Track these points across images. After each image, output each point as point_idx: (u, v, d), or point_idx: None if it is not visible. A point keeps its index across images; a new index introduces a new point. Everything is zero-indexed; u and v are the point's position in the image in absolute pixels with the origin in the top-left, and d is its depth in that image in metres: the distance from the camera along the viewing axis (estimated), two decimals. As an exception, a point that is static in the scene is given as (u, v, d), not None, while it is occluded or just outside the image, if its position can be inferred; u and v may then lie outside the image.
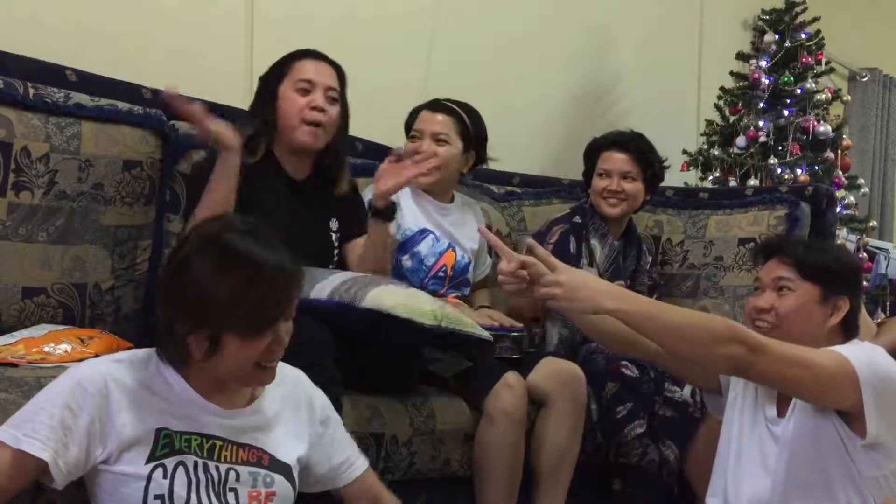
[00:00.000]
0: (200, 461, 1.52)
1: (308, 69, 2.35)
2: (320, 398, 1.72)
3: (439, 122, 2.76)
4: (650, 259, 3.23)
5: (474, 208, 2.99)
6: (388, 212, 2.35)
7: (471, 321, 2.27)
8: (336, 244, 2.44)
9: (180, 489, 1.48)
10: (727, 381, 2.11)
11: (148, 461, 1.48)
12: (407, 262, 2.69)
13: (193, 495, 1.49)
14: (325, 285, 2.14)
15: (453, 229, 2.81)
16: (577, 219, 3.01)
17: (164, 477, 1.48)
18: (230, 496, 1.52)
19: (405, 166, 2.35)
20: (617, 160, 3.04)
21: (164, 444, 1.50)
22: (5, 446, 1.44)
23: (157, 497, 1.47)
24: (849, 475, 1.86)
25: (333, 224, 2.44)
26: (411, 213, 2.73)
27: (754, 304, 2.04)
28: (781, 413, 1.97)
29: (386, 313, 2.07)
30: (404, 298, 2.13)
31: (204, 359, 1.50)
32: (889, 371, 1.87)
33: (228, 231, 1.51)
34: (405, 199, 2.71)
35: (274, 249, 1.50)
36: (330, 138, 2.39)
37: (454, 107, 2.80)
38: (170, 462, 1.49)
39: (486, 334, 2.32)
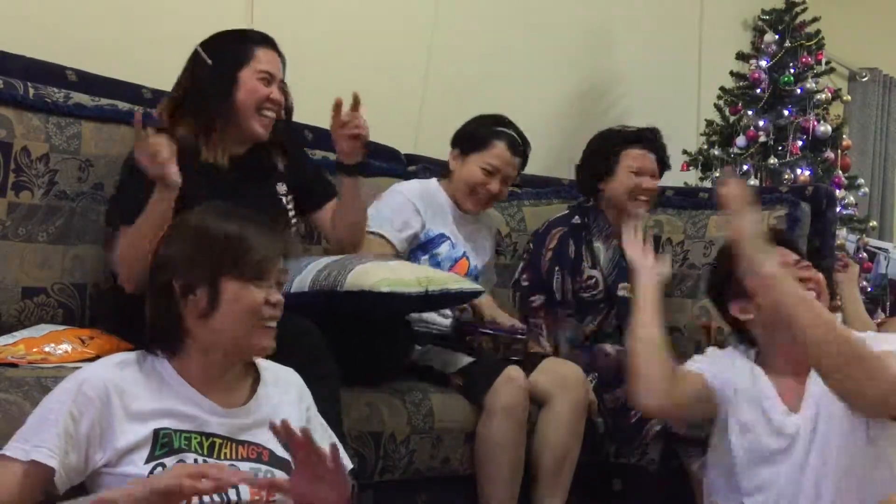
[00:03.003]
0: (200, 458, 1.52)
1: (266, 59, 2.28)
2: (306, 399, 1.72)
3: (516, 168, 2.79)
4: None
5: (490, 226, 3.01)
6: (358, 166, 2.31)
7: (451, 277, 2.28)
8: (289, 207, 2.37)
9: None
10: (726, 387, 2.07)
11: (147, 461, 1.49)
12: (425, 262, 2.71)
13: None
14: (304, 277, 2.14)
15: (466, 241, 2.82)
16: (577, 219, 2.98)
17: None
18: (231, 492, 1.52)
19: (348, 127, 2.28)
20: (648, 158, 2.98)
21: (164, 444, 1.51)
22: (15, 461, 1.44)
23: None
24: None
25: (281, 188, 2.37)
26: (434, 216, 2.74)
27: (813, 275, 2.03)
28: (794, 408, 1.97)
29: (368, 291, 2.06)
30: (386, 273, 2.12)
31: (203, 315, 1.53)
32: None
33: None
34: (431, 199, 2.74)
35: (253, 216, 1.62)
36: None
37: (527, 147, 2.81)
38: (169, 461, 1.49)
39: (477, 286, 2.32)
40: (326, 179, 2.47)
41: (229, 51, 2.27)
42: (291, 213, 2.38)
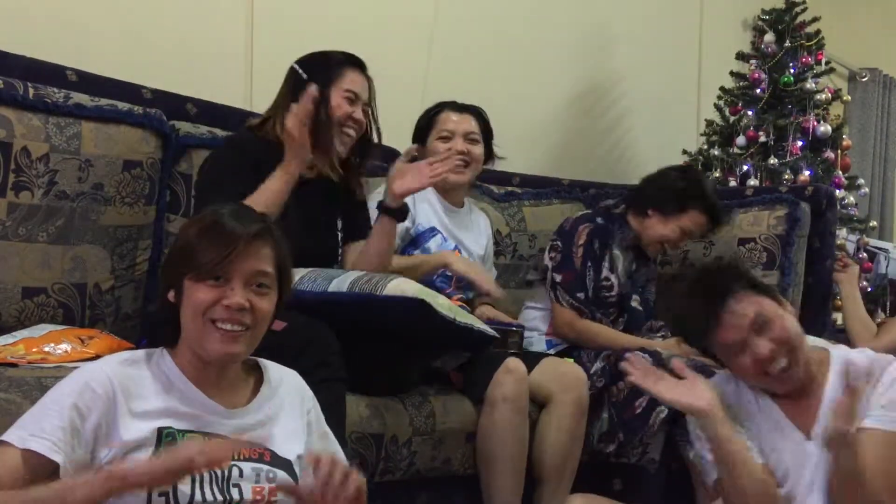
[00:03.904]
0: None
1: (355, 80, 2.39)
2: (308, 402, 1.72)
3: (468, 122, 2.83)
4: (655, 276, 3.20)
5: (482, 217, 3.02)
6: (400, 212, 2.37)
7: (478, 321, 2.30)
8: (340, 244, 2.45)
9: (184, 485, 1.48)
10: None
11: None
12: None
13: (198, 491, 1.49)
14: (343, 279, 2.15)
15: (459, 232, 2.82)
16: (601, 220, 2.97)
17: None
18: (234, 491, 1.52)
19: (426, 166, 2.35)
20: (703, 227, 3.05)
21: (168, 443, 1.51)
22: (13, 448, 1.43)
23: (161, 494, 1.47)
24: None
25: (339, 223, 2.45)
26: (423, 210, 2.76)
27: (757, 357, 1.91)
28: (808, 432, 1.95)
29: (409, 298, 2.08)
30: (424, 289, 2.15)
31: (178, 308, 1.56)
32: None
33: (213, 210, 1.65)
34: (419, 195, 2.73)
35: (236, 215, 1.59)
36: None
37: (474, 107, 2.87)
38: None
39: (495, 333, 2.34)
40: (367, 217, 2.50)
41: (322, 69, 2.36)
42: (339, 250, 2.44)
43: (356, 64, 2.42)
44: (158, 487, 1.46)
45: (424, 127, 2.87)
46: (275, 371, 1.70)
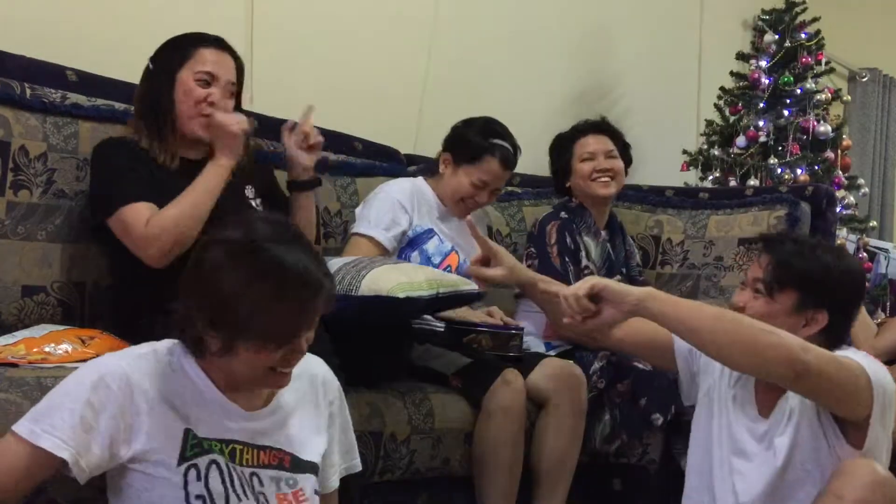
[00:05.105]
0: (224, 462, 1.50)
1: (210, 59, 2.24)
2: (331, 393, 1.69)
3: (505, 180, 2.84)
4: (634, 251, 3.23)
5: (480, 221, 3.00)
6: (313, 181, 2.41)
7: (460, 279, 2.28)
8: (260, 209, 2.36)
9: (217, 486, 1.47)
10: (695, 366, 2.08)
11: (179, 463, 1.46)
12: (416, 258, 2.71)
13: (231, 492, 1.47)
14: None
15: (455, 234, 2.81)
16: (564, 214, 3.01)
17: (199, 478, 1.46)
18: (260, 499, 1.51)
19: (309, 139, 2.38)
20: (598, 140, 3.07)
21: (194, 445, 1.48)
22: (23, 441, 1.41)
23: (198, 497, 1.46)
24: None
25: (250, 191, 2.35)
26: (422, 213, 2.74)
27: (733, 300, 1.98)
28: (763, 413, 1.94)
29: (384, 297, 2.06)
30: (399, 276, 2.12)
31: (218, 355, 1.48)
32: (889, 384, 1.82)
33: (258, 240, 1.46)
34: (418, 196, 2.75)
35: (300, 259, 1.46)
36: None
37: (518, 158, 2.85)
38: (202, 462, 1.47)
39: (476, 287, 2.29)
40: (283, 192, 2.46)
41: (169, 52, 2.27)
42: None
43: (212, 42, 2.27)
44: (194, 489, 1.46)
45: (469, 153, 2.74)
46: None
